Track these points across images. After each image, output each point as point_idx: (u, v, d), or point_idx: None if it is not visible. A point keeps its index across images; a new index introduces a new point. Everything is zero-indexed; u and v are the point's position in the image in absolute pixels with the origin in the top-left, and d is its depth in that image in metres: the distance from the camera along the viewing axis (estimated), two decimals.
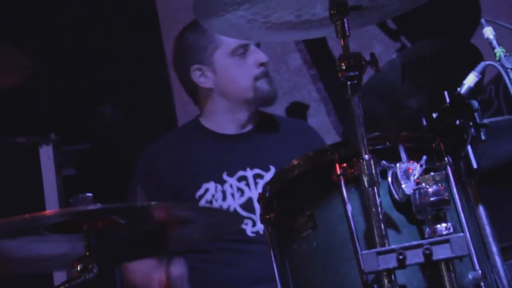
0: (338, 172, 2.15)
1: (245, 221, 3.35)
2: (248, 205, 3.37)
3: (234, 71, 3.49)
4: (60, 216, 2.38)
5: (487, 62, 2.47)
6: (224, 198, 3.38)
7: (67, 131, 4.25)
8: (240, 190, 3.40)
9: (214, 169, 3.42)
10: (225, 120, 3.53)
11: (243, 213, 3.37)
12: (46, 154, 4.01)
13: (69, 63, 5.01)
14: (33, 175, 3.97)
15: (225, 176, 3.41)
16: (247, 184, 3.40)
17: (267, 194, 2.36)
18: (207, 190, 3.39)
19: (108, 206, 2.29)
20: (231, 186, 3.40)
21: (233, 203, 3.38)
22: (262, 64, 3.48)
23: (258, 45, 3.51)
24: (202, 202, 3.36)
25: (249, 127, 3.56)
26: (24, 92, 4.48)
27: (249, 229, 3.34)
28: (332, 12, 2.25)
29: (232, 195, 3.39)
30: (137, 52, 5.08)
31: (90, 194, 2.31)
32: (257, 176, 3.42)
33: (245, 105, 3.50)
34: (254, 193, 3.38)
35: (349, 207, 2.12)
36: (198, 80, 3.52)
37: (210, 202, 3.37)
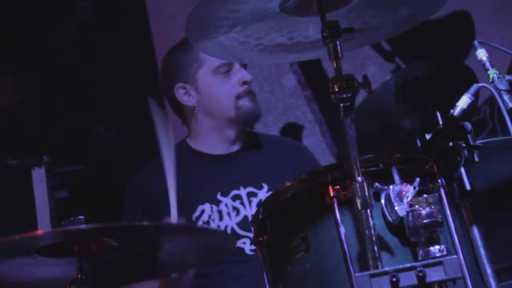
0: (332, 194, 2.16)
1: (243, 240, 3.36)
2: (244, 224, 3.38)
3: (216, 89, 3.49)
4: (52, 236, 2.38)
5: (480, 84, 2.48)
6: (221, 218, 3.38)
7: (60, 153, 4.26)
8: (236, 209, 3.40)
9: (207, 190, 3.42)
10: (213, 140, 3.54)
11: (240, 232, 3.37)
12: (39, 176, 4.01)
13: (63, 84, 5.02)
14: (25, 197, 3.97)
15: (219, 196, 3.41)
16: (242, 203, 3.41)
17: (260, 216, 2.37)
18: (203, 211, 3.39)
19: (99, 226, 2.29)
20: (226, 205, 3.40)
21: (230, 222, 3.38)
22: (245, 83, 3.48)
23: (245, 66, 3.52)
24: (200, 223, 3.35)
25: (237, 146, 3.56)
26: (16, 114, 4.49)
27: (247, 247, 3.34)
28: (324, 34, 2.26)
29: (229, 214, 3.39)
30: (131, 73, 5.09)
31: (82, 217, 2.31)
32: (250, 194, 3.42)
33: (229, 124, 3.51)
34: (249, 211, 3.39)
35: (342, 229, 2.12)
36: (182, 99, 3.54)
37: (207, 222, 3.37)
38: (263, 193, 3.42)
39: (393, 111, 3.10)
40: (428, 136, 2.40)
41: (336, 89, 2.18)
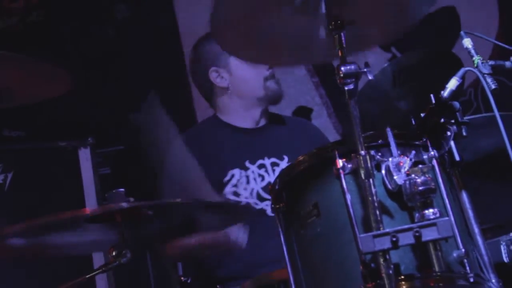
0: (339, 166, 2.15)
1: (266, 203, 3.36)
2: (268, 189, 3.38)
3: (247, 72, 3.51)
4: (97, 212, 2.39)
5: (467, 68, 2.47)
6: (248, 182, 3.40)
7: (102, 135, 4.27)
8: (261, 176, 3.42)
9: (238, 158, 3.44)
10: (241, 116, 3.55)
11: (264, 195, 3.38)
12: (85, 156, 4.02)
13: (103, 75, 5.04)
14: (73, 174, 3.99)
15: (247, 163, 3.43)
16: (266, 171, 3.43)
17: (277, 187, 2.36)
18: (233, 175, 3.41)
19: (137, 204, 2.29)
20: (253, 172, 3.42)
21: (256, 186, 3.39)
22: (270, 67, 3.51)
23: None
24: (228, 187, 3.38)
25: (262, 122, 3.58)
26: (63, 101, 4.50)
27: (269, 210, 3.34)
28: (330, 27, 2.25)
29: (255, 179, 3.41)
30: (162, 64, 5.10)
31: (122, 190, 2.32)
32: (273, 164, 3.44)
33: (257, 103, 3.53)
34: (272, 178, 3.39)
35: (348, 197, 2.11)
36: (215, 81, 3.54)
37: (236, 186, 3.39)
38: (284, 163, 3.45)
39: (391, 95, 3.08)
40: (422, 115, 2.39)
41: (341, 75, 2.17)
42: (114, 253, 2.35)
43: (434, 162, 2.21)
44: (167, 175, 3.44)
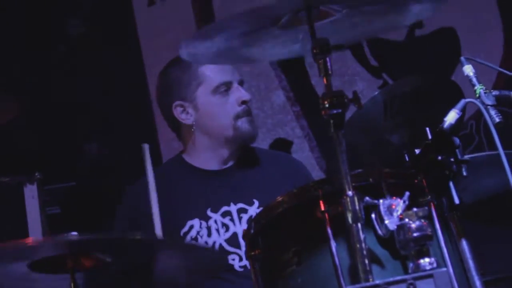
0: (322, 209, 2.17)
1: (232, 256, 3.34)
2: (233, 240, 3.35)
3: (215, 109, 3.46)
4: (44, 248, 2.37)
5: (467, 100, 2.50)
6: (209, 234, 3.37)
7: (51, 170, 4.25)
8: (225, 226, 3.38)
9: (198, 206, 3.40)
10: (207, 157, 3.51)
11: (228, 248, 3.34)
12: (31, 193, 4.01)
13: (53, 101, 5.02)
14: (17, 214, 3.96)
15: (209, 212, 3.40)
16: (232, 220, 3.39)
17: (252, 231, 2.37)
18: (191, 227, 3.38)
19: (91, 237, 2.29)
20: (215, 221, 3.38)
21: (218, 238, 3.36)
22: (244, 102, 3.45)
23: (241, 83, 3.50)
24: (188, 239, 3.34)
25: (230, 163, 3.54)
26: (8, 131, 4.48)
27: (236, 264, 3.33)
28: (315, 51, 2.28)
29: (217, 230, 3.37)
30: (121, 89, 5.10)
31: (75, 233, 2.31)
32: (241, 211, 3.40)
33: (225, 143, 3.48)
34: (238, 228, 3.36)
35: (333, 243, 2.13)
36: (179, 117, 3.50)
37: (195, 238, 3.35)
38: (253, 209, 3.39)
39: (381, 126, 3.10)
40: (417, 151, 2.42)
41: (327, 105, 2.19)
42: None
43: (431, 205, 2.23)
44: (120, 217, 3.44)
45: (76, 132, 4.95)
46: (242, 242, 3.31)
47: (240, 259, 3.33)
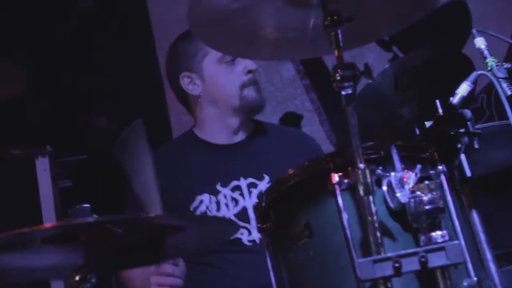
0: (334, 181, 2.16)
1: (241, 230, 3.34)
2: (242, 215, 3.36)
3: (221, 78, 3.48)
4: (58, 229, 2.38)
5: (480, 72, 2.49)
6: (218, 209, 3.37)
7: (62, 143, 4.26)
8: (234, 200, 3.39)
9: (207, 181, 3.41)
10: (216, 129, 3.53)
11: (238, 222, 3.34)
12: (42, 166, 4.01)
13: (63, 75, 5.02)
14: (29, 187, 3.97)
15: (218, 187, 3.40)
16: (241, 194, 3.40)
17: (263, 204, 2.37)
18: (201, 201, 3.38)
19: (105, 219, 2.29)
20: (225, 196, 3.39)
21: (228, 213, 3.37)
22: (250, 72, 3.47)
23: None
24: (197, 214, 3.34)
25: (241, 136, 3.55)
26: (19, 105, 4.49)
27: (245, 238, 3.34)
28: (326, 23, 2.26)
29: (226, 205, 3.38)
30: (131, 63, 5.09)
31: (87, 205, 2.31)
32: (251, 185, 3.41)
33: (233, 113, 3.50)
34: (248, 202, 3.37)
35: (344, 216, 2.12)
36: (187, 88, 3.53)
37: (205, 213, 3.36)
38: (263, 184, 3.40)
39: (392, 100, 3.10)
40: (428, 124, 2.41)
41: (338, 78, 2.18)
42: (77, 278, 2.34)
43: (442, 178, 2.22)
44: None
45: (86, 105, 4.95)
46: (252, 216, 3.32)
47: (249, 233, 3.34)
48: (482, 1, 4.95)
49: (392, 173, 2.18)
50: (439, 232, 2.07)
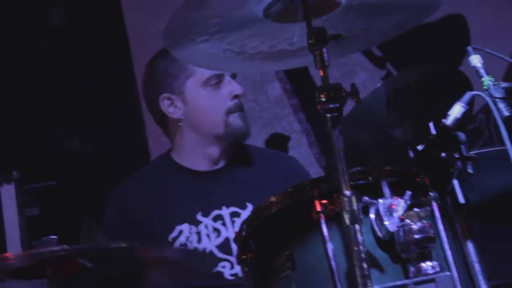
0: (318, 209, 2.18)
1: (223, 263, 3.33)
2: (225, 246, 3.35)
3: (205, 102, 3.45)
4: (23, 260, 2.38)
5: (474, 92, 2.50)
6: (199, 240, 3.36)
7: (30, 168, 4.26)
8: (217, 230, 3.37)
9: (187, 210, 3.39)
10: (196, 156, 3.49)
11: (220, 255, 3.34)
12: (8, 193, 4.01)
13: (33, 96, 5.03)
14: None
15: (199, 217, 3.39)
16: (224, 224, 3.38)
17: (244, 233, 2.39)
18: (180, 232, 3.36)
19: (73, 249, 2.29)
20: (206, 226, 3.37)
21: (209, 244, 3.35)
22: (236, 97, 3.44)
23: (234, 76, 3.47)
24: (176, 245, 3.32)
25: (222, 163, 3.52)
26: None
27: (227, 272, 3.32)
28: (310, 41, 2.29)
29: (208, 236, 3.36)
30: (107, 82, 5.10)
31: (54, 237, 2.32)
32: (234, 215, 3.39)
33: (215, 141, 3.46)
34: (231, 233, 3.34)
35: (329, 246, 2.14)
36: (167, 110, 3.48)
37: (185, 245, 3.34)
38: (246, 213, 3.38)
39: (384, 121, 3.11)
40: (420, 147, 2.43)
41: (323, 99, 2.20)
42: None
43: (434, 205, 2.25)
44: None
45: (57, 127, 4.95)
46: (235, 248, 3.31)
47: (232, 267, 3.32)
48: (482, 16, 4.98)
49: (381, 200, 2.20)
50: (429, 263, 2.10)
